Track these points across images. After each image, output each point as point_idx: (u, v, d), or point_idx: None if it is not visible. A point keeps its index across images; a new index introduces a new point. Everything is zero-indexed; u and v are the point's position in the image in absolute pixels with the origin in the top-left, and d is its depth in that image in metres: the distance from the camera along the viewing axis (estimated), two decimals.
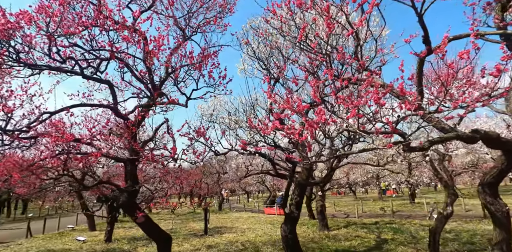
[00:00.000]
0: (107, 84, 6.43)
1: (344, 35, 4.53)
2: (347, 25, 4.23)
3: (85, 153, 5.60)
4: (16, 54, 4.85)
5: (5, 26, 4.25)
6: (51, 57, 4.92)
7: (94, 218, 15.10)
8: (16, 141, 5.80)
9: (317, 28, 4.56)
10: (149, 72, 7.00)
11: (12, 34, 4.49)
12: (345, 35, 4.47)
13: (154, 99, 7.15)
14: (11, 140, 5.54)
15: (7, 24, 4.28)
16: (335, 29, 4.70)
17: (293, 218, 7.24)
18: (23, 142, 5.52)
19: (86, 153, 5.62)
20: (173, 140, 5.49)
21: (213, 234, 11.84)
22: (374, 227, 11.79)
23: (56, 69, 5.42)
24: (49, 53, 4.84)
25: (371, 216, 15.92)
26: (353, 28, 4.04)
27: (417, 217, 14.36)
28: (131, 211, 6.47)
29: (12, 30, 4.41)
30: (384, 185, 25.52)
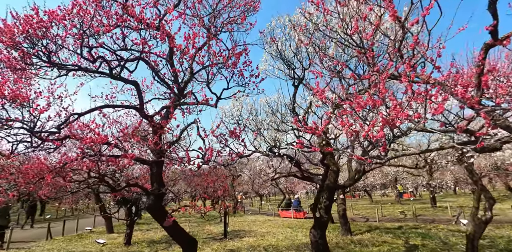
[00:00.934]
0: (134, 85, 6.31)
1: (390, 28, 4.27)
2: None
3: (118, 156, 5.48)
4: (47, 54, 4.77)
5: (40, 24, 4.16)
6: (83, 57, 4.82)
7: (112, 220, 15.07)
8: (44, 143, 5.75)
9: (362, 22, 4.30)
10: (174, 72, 6.89)
11: (45, 33, 4.40)
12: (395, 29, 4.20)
13: (179, 100, 7.03)
14: (40, 142, 5.46)
15: (41, 22, 4.20)
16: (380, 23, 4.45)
17: (323, 223, 6.95)
18: (54, 143, 5.42)
19: (119, 156, 5.49)
20: (203, 142, 5.31)
21: (233, 238, 11.61)
22: (399, 232, 11.36)
23: (86, 70, 5.33)
24: (81, 53, 4.74)
25: (391, 220, 15.43)
26: (400, 21, 3.79)
27: (442, 222, 13.83)
28: (158, 214, 6.31)
29: (45, 29, 4.32)
30: (401, 188, 24.86)
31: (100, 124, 8.02)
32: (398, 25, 4.04)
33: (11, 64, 4.86)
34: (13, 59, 4.91)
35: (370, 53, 4.42)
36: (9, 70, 5.47)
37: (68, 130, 7.12)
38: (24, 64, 4.98)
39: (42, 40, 4.44)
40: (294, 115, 8.80)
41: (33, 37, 4.46)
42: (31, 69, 5.25)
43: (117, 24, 5.08)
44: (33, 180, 5.96)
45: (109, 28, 4.98)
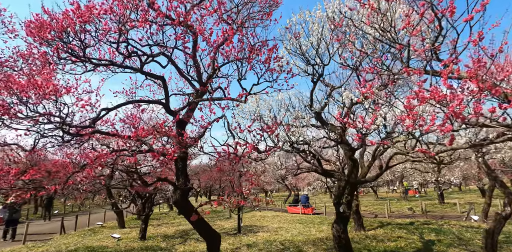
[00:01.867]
0: (161, 80, 6.34)
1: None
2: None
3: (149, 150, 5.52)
4: (83, 49, 4.79)
5: (81, 18, 4.17)
6: (119, 52, 4.84)
7: (123, 215, 15.20)
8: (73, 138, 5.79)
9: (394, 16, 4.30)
10: (197, 68, 6.91)
11: (84, 28, 4.41)
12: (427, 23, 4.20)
13: (201, 95, 7.06)
14: (71, 137, 5.50)
15: (81, 16, 4.20)
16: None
17: (345, 218, 7.02)
18: (85, 137, 5.46)
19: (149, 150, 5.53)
20: (232, 137, 5.34)
21: (246, 233, 11.72)
22: (412, 227, 11.46)
23: (119, 65, 5.35)
24: (117, 47, 4.76)
25: (400, 216, 15.54)
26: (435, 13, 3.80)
27: (451, 218, 13.92)
28: (184, 209, 6.37)
29: (85, 23, 4.33)
30: (406, 184, 24.97)
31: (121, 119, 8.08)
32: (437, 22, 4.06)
33: (46, 59, 4.88)
34: (46, 55, 4.93)
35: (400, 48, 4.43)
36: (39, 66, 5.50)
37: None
38: (58, 59, 4.99)
39: (80, 35, 4.45)
40: (312, 110, 8.85)
41: (70, 31, 4.47)
42: (64, 64, 5.27)
43: (146, 19, 5.09)
44: (62, 176, 6.02)
45: (142, 24, 4.99)
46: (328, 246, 8.77)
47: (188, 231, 12.70)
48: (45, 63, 4.93)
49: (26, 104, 4.18)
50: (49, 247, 10.16)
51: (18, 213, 12.57)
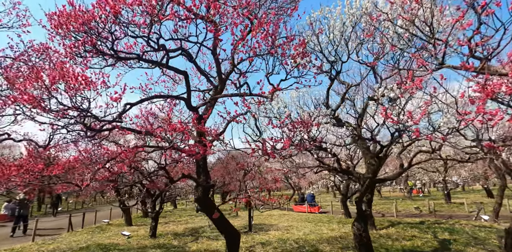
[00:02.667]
0: (184, 75, 6.24)
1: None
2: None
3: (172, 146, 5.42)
4: (111, 43, 4.68)
5: (115, 8, 4.06)
6: (150, 45, 4.74)
7: (131, 213, 15.11)
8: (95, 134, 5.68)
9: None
10: (217, 63, 6.81)
11: (115, 20, 4.30)
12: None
13: (220, 92, 6.97)
14: (95, 131, 5.39)
15: (114, 7, 4.09)
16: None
17: (365, 216, 6.98)
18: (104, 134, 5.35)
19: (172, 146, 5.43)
20: (259, 132, 5.25)
21: (257, 231, 11.66)
22: (423, 227, 11.42)
23: (145, 60, 5.26)
24: (148, 41, 4.66)
25: (408, 216, 15.52)
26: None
27: (460, 217, 13.90)
28: (206, 207, 6.29)
29: (116, 15, 4.22)
30: (411, 184, 24.97)
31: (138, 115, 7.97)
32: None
33: (73, 52, 4.76)
34: (73, 48, 4.81)
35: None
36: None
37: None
38: (85, 52, 4.88)
39: (111, 26, 4.35)
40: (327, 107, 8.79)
41: (100, 23, 4.37)
42: (87, 57, 5.16)
43: (175, 12, 4.99)
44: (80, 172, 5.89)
45: (172, 16, 4.89)
46: (343, 245, 8.71)
47: (198, 229, 12.61)
48: (72, 57, 4.82)
49: (55, 97, 4.07)
50: (59, 244, 10.05)
51: (26, 209, 12.55)
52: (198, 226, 13.33)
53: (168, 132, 6.46)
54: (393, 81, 9.14)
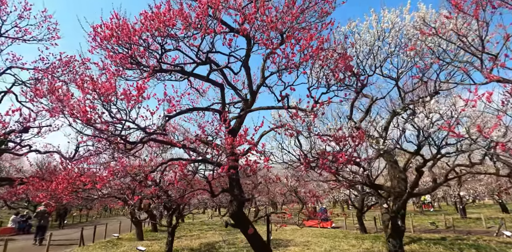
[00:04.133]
0: (220, 87, 6.25)
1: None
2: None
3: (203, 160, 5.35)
4: (160, 54, 4.70)
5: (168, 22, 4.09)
6: (199, 58, 4.75)
7: (142, 227, 14.76)
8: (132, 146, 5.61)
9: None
10: (248, 76, 6.84)
11: (168, 33, 4.33)
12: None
13: (250, 105, 6.95)
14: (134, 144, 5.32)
15: (168, 20, 4.13)
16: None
17: (401, 232, 6.79)
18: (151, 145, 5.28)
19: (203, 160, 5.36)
20: (299, 145, 5.17)
21: (276, 247, 11.34)
22: (447, 243, 11.12)
23: (189, 74, 5.27)
24: (197, 53, 4.68)
25: (425, 231, 15.16)
26: None
27: (479, 233, 13.57)
28: (241, 222, 6.12)
29: (170, 28, 4.25)
30: (424, 198, 24.58)
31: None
32: None
33: (122, 64, 4.78)
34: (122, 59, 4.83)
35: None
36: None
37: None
38: (131, 65, 4.90)
39: (163, 39, 4.37)
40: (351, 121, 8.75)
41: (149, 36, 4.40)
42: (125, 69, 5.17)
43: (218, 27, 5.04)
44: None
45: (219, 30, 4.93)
46: None
47: (213, 244, 12.28)
48: (117, 69, 4.82)
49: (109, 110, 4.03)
50: None
51: (46, 221, 12.87)
52: (213, 241, 12.98)
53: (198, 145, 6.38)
54: (416, 94, 9.19)
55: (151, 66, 4.96)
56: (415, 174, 6.15)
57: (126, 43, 4.68)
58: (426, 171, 6.94)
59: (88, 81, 4.28)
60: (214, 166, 6.52)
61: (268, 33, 5.21)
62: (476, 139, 3.75)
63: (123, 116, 4.58)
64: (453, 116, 4.57)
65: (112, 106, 4.05)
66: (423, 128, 5.14)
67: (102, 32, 4.83)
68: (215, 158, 6.57)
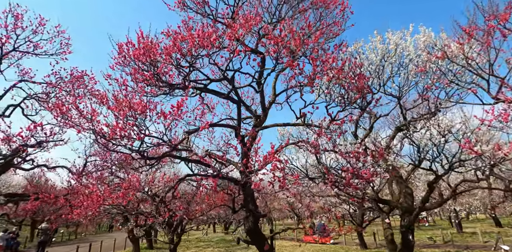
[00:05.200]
0: (238, 104, 6.40)
1: None
2: None
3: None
4: (188, 73, 4.84)
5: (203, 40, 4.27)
6: (225, 76, 4.92)
7: (139, 244, 14.31)
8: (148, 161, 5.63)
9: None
10: (261, 94, 7.05)
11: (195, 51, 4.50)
12: None
13: (261, 123, 7.13)
14: (155, 159, 5.35)
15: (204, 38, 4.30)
16: None
17: (411, 247, 6.86)
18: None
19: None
20: (318, 162, 5.30)
21: None
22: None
23: (211, 91, 5.42)
24: (224, 71, 4.85)
25: (425, 246, 15.21)
26: None
27: (477, 248, 13.73)
28: (257, 238, 6.09)
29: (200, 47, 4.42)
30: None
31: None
32: None
33: (147, 82, 4.89)
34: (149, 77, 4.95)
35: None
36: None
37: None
38: (157, 82, 5.02)
39: (194, 58, 4.54)
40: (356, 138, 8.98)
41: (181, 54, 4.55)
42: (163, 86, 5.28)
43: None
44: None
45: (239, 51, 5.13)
46: None
47: None
48: (141, 86, 4.93)
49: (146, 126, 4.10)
50: None
51: (47, 237, 13.22)
52: None
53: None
54: (416, 112, 9.58)
55: (181, 83, 5.10)
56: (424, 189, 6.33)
57: (152, 61, 4.82)
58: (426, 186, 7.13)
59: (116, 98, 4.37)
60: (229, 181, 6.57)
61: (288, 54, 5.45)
62: (494, 157, 3.98)
63: (150, 132, 4.65)
64: (466, 132, 4.82)
65: (143, 122, 4.12)
66: (438, 144, 5.38)
67: (127, 50, 4.99)
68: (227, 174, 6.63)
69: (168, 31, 5.03)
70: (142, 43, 4.84)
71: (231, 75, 5.16)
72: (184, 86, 4.99)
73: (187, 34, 4.60)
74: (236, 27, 4.29)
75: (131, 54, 4.87)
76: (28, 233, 22.70)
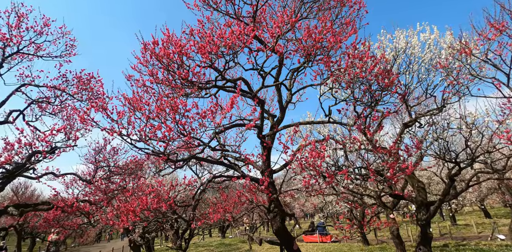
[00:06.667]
0: (261, 103, 6.36)
1: None
2: None
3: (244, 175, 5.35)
4: (222, 71, 4.77)
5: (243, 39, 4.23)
6: (261, 75, 4.88)
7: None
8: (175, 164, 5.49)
9: None
10: (279, 92, 7.08)
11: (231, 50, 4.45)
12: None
13: (281, 120, 7.15)
14: (184, 161, 5.22)
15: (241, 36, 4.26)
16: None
17: (430, 238, 7.04)
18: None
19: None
20: (346, 158, 5.36)
21: None
22: (452, 249, 11.60)
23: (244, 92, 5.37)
24: (260, 71, 4.81)
25: None
26: None
27: (473, 239, 14.28)
28: (285, 238, 6.05)
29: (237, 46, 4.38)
30: (411, 208, 25.43)
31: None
32: None
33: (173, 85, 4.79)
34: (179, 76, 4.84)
35: None
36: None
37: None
38: (186, 83, 4.93)
39: (231, 57, 4.48)
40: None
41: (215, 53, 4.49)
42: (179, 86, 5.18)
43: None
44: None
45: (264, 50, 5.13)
46: None
47: None
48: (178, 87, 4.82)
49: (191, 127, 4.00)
50: None
51: (58, 248, 12.41)
52: None
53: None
54: (422, 108, 9.91)
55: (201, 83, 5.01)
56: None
57: (181, 61, 4.73)
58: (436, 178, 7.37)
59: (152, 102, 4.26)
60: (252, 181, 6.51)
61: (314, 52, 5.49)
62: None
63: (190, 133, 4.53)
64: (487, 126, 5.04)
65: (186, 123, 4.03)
66: (468, 138, 5.56)
67: (152, 49, 4.86)
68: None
69: (192, 31, 4.96)
70: (170, 41, 4.74)
71: (258, 74, 5.13)
72: (215, 85, 4.92)
73: (217, 33, 4.54)
74: (263, 28, 4.29)
75: (158, 53, 4.75)
76: (14, 246, 21.50)
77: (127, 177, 8.01)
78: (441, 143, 6.53)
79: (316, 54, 4.93)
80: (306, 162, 5.54)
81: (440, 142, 6.90)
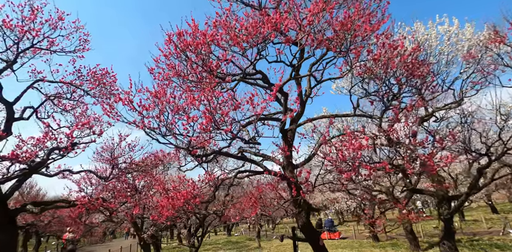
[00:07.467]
0: (285, 96, 6.27)
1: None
2: None
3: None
4: (252, 62, 4.65)
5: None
6: (292, 65, 4.75)
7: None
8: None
9: None
10: (299, 86, 6.94)
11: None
12: None
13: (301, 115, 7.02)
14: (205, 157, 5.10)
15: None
16: None
17: (453, 233, 6.96)
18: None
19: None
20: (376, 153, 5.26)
21: None
22: (466, 244, 11.53)
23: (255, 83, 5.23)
24: (291, 63, 4.69)
25: (433, 236, 15.61)
26: None
27: (484, 234, 14.24)
28: (311, 234, 5.94)
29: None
30: (415, 205, 25.39)
31: None
32: None
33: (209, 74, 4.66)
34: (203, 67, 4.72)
35: None
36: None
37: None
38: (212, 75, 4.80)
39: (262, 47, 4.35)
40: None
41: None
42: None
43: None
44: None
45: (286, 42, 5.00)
46: None
47: None
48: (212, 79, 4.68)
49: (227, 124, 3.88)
50: None
51: (75, 246, 12.85)
52: None
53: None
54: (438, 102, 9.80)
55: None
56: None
57: (208, 51, 4.60)
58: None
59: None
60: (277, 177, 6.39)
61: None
62: None
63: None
64: None
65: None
66: (502, 127, 5.44)
67: (178, 40, 4.72)
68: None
69: (216, 21, 4.83)
70: (199, 32, 4.60)
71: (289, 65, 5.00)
72: (244, 78, 4.79)
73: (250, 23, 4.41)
74: (281, 19, 4.17)
75: (187, 43, 4.60)
76: (19, 246, 21.38)
77: (150, 169, 7.92)
78: (468, 135, 6.38)
79: (351, 43, 4.80)
80: (340, 155, 5.28)
81: (469, 133, 6.70)
